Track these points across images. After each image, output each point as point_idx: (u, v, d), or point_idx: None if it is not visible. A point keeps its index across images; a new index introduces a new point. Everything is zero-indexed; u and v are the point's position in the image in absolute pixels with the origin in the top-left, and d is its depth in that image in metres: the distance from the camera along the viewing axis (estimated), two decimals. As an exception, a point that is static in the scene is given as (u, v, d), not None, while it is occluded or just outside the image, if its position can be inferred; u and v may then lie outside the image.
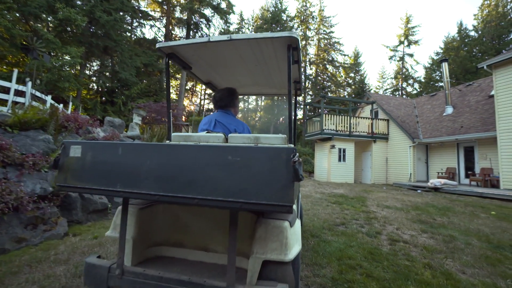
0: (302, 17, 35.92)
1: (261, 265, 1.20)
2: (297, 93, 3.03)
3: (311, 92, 34.58)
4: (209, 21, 27.50)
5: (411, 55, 35.71)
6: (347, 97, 33.58)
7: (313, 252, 2.94)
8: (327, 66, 35.90)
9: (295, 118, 2.01)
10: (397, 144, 14.74)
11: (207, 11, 27.13)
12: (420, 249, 3.22)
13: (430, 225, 4.42)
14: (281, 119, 35.57)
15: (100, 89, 21.76)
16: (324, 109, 15.61)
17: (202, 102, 36.81)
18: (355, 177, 15.24)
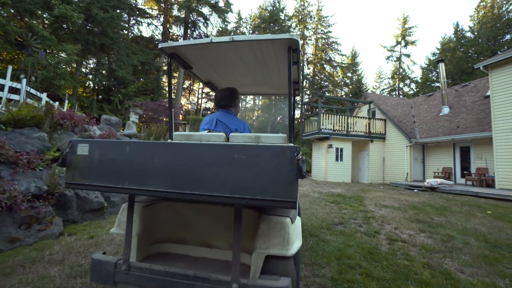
0: (300, 17, 35.93)
1: (263, 260, 1.23)
2: (295, 93, 3.06)
3: (308, 92, 34.60)
4: (207, 19, 27.36)
5: (408, 55, 35.95)
6: (344, 97, 33.67)
7: (312, 251, 2.92)
8: (324, 66, 35.96)
9: (293, 118, 2.09)
10: (394, 144, 14.81)
11: (205, 10, 26.99)
12: (418, 248, 3.23)
13: (427, 225, 4.44)
14: (278, 118, 35.58)
15: (96, 87, 21.50)
16: (322, 108, 15.64)
17: (200, 101, 36.69)
18: (352, 177, 15.29)
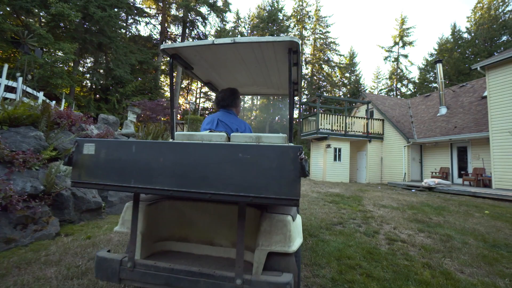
0: (298, 17, 35.97)
1: (266, 257, 1.26)
2: (294, 93, 3.06)
3: (307, 92, 34.65)
4: (205, 19, 27.32)
5: (405, 56, 36.13)
6: (342, 97, 33.76)
7: (311, 252, 2.90)
8: (322, 66, 36.03)
9: (292, 118, 2.12)
10: (392, 144, 14.87)
11: (203, 9, 26.95)
12: (418, 248, 3.22)
13: (426, 224, 4.44)
14: (277, 118, 35.59)
15: (94, 86, 21.36)
16: (320, 108, 15.64)
17: (198, 101, 36.59)
18: (350, 177, 15.33)
